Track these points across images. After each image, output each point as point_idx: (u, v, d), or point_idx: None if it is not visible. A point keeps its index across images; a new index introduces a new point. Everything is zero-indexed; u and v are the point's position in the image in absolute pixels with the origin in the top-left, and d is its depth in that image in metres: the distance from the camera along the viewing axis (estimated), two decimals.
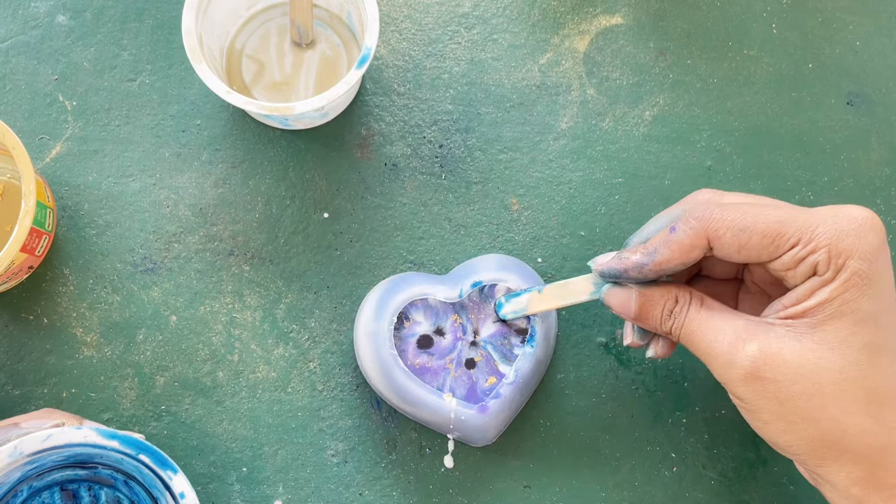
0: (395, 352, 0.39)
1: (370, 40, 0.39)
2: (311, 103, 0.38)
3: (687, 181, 0.45)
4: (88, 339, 0.42)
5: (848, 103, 0.47)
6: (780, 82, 0.47)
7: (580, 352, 0.43)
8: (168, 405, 0.41)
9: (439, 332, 0.41)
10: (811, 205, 0.45)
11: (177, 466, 0.33)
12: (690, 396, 0.43)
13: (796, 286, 0.31)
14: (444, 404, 0.39)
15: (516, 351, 0.40)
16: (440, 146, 0.45)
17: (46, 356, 0.41)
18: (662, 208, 0.44)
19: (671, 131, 0.46)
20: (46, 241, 0.41)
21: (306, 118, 0.42)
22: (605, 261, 0.35)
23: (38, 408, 0.41)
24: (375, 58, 0.46)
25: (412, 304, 0.40)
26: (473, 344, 0.41)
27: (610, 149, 0.45)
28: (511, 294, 0.39)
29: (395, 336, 0.40)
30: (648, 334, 0.36)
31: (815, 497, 0.42)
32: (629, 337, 0.37)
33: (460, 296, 0.40)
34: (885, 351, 0.30)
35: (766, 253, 0.31)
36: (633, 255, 0.34)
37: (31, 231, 0.37)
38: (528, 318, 0.40)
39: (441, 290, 0.40)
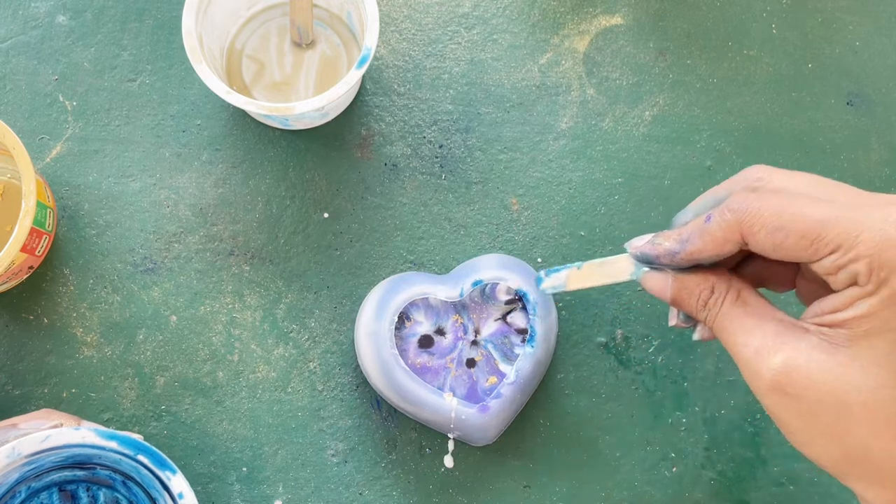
0: (396, 351, 0.39)
1: (370, 40, 0.39)
2: (311, 103, 0.38)
3: (687, 181, 0.45)
4: (88, 339, 0.42)
5: (848, 103, 0.47)
6: (780, 82, 0.47)
7: (580, 352, 0.43)
8: (168, 405, 0.41)
9: (440, 331, 0.41)
10: None
11: (175, 467, 0.33)
12: (690, 396, 0.43)
13: (838, 291, 0.29)
14: (444, 404, 0.39)
15: (517, 350, 0.40)
16: (440, 146, 0.45)
17: (46, 356, 0.41)
18: (662, 208, 0.44)
19: (671, 131, 0.46)
20: (46, 241, 0.41)
21: (306, 118, 0.42)
22: (640, 244, 0.34)
23: (38, 408, 0.41)
24: (375, 58, 0.46)
25: (413, 303, 0.40)
26: (474, 343, 0.41)
27: (610, 149, 0.45)
28: (550, 269, 0.38)
29: (395, 336, 0.40)
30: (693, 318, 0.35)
31: (815, 497, 0.42)
32: (674, 319, 0.35)
33: (461, 295, 0.40)
34: None
35: (804, 255, 0.28)
36: (666, 242, 0.32)
37: (32, 231, 0.37)
38: (528, 317, 0.40)
39: (442, 290, 0.40)
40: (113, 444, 0.32)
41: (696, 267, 0.33)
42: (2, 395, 0.41)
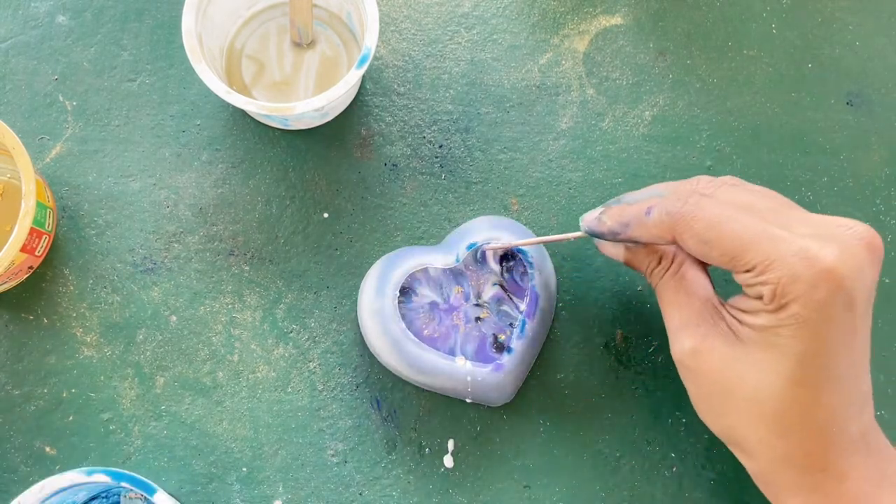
0: (403, 324, 0.39)
1: (370, 40, 0.39)
2: (311, 103, 0.38)
3: None
4: (88, 339, 0.42)
5: (848, 103, 0.47)
6: (780, 82, 0.47)
7: (580, 352, 0.43)
8: (168, 405, 0.41)
9: (444, 302, 0.41)
10: (811, 205, 0.45)
11: (154, 486, 0.34)
12: None
13: (751, 297, 0.32)
14: (458, 368, 0.39)
15: (521, 308, 0.41)
16: (440, 146, 0.45)
17: (46, 356, 0.41)
18: None
19: (671, 131, 0.46)
20: (46, 241, 0.41)
21: (306, 118, 0.42)
22: (589, 219, 0.37)
23: (38, 407, 0.41)
24: (375, 58, 0.46)
25: (415, 278, 0.41)
26: (478, 306, 0.41)
27: (610, 149, 0.45)
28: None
29: (401, 311, 0.40)
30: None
31: None
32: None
33: (457, 260, 0.40)
34: (804, 386, 0.31)
35: (724, 266, 0.32)
36: (609, 222, 0.36)
37: (31, 231, 0.37)
38: (522, 275, 0.41)
39: (438, 259, 0.40)
40: (96, 478, 0.34)
41: None
42: (2, 394, 0.41)
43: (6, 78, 0.44)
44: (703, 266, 0.36)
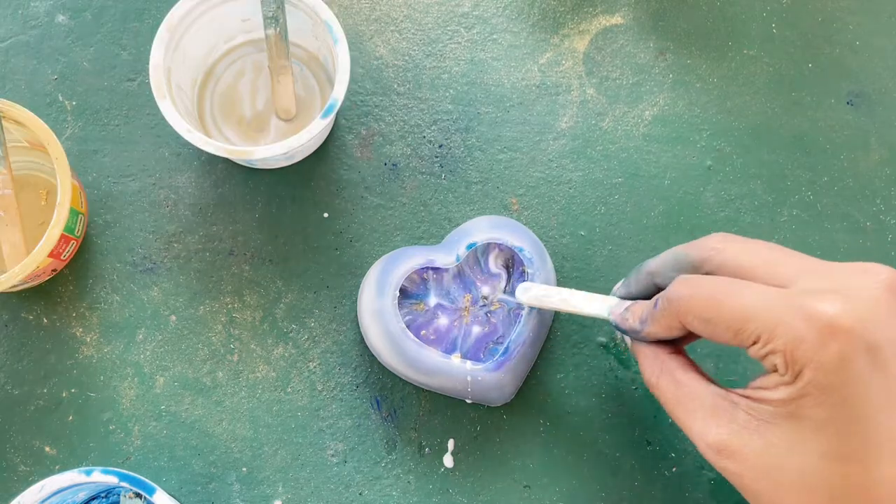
0: (403, 324, 0.39)
1: (338, 91, 0.38)
2: (272, 149, 0.37)
3: (686, 181, 0.45)
4: (88, 339, 0.42)
5: (848, 103, 0.47)
6: (780, 82, 0.47)
7: (580, 352, 0.43)
8: (168, 405, 0.41)
9: (450, 303, 0.41)
10: (811, 205, 0.45)
11: (154, 486, 0.34)
12: None
13: (768, 371, 0.30)
14: (458, 368, 0.39)
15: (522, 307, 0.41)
16: (440, 146, 0.45)
17: (46, 356, 0.41)
18: (662, 208, 0.44)
19: (671, 131, 0.46)
20: (74, 245, 0.41)
21: (270, 161, 0.42)
22: (618, 311, 0.36)
23: (37, 407, 0.41)
24: (375, 57, 0.46)
25: (424, 281, 0.41)
26: (485, 306, 0.41)
27: (610, 149, 0.45)
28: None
29: (403, 311, 0.40)
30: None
31: None
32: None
33: (457, 260, 0.40)
34: (852, 461, 0.28)
35: (732, 342, 0.30)
36: (631, 319, 0.35)
37: (61, 237, 0.37)
38: (524, 277, 0.40)
39: (438, 258, 0.41)
40: (96, 478, 0.34)
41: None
42: (2, 394, 0.41)
43: (6, 78, 0.44)
44: (694, 366, 0.34)
